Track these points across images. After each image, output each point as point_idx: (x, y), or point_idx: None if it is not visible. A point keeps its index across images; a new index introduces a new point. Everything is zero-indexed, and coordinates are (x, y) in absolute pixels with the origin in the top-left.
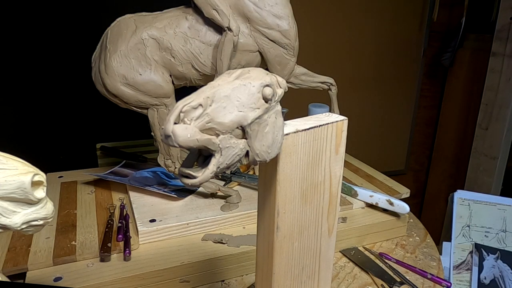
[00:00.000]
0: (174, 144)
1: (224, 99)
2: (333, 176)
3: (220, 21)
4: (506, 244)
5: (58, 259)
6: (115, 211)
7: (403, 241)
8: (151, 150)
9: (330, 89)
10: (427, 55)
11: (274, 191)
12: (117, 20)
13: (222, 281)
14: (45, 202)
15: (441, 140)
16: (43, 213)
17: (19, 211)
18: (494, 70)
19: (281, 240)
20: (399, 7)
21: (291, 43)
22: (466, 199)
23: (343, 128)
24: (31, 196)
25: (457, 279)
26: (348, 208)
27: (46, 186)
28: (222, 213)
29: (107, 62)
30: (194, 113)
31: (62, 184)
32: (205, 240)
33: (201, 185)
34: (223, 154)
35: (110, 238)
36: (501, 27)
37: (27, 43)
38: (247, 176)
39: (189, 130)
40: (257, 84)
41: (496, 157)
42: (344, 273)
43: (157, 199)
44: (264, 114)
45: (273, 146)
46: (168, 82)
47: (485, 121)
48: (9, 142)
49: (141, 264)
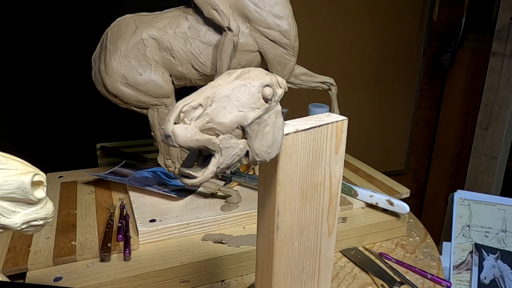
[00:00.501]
0: (174, 144)
1: (224, 99)
2: (333, 176)
3: (220, 21)
4: (506, 244)
5: (58, 259)
6: (115, 211)
7: (403, 241)
8: (151, 150)
9: (330, 89)
10: (427, 55)
11: (274, 191)
12: (117, 20)
13: (222, 281)
14: (45, 202)
15: (441, 140)
16: (43, 213)
17: (19, 211)
18: (494, 70)
19: (281, 240)
20: (399, 7)
21: (291, 43)
22: (466, 199)
23: (343, 128)
24: (31, 196)
25: (457, 279)
26: (348, 208)
27: (46, 186)
28: (222, 213)
29: (107, 62)
30: (194, 113)
31: (62, 184)
32: (205, 240)
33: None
34: (223, 154)
35: (110, 238)
36: (501, 27)
37: (27, 43)
38: (247, 176)
39: (189, 130)
40: (257, 84)
41: (496, 157)
42: (344, 273)
43: (157, 199)
44: (264, 114)
45: (273, 146)
46: (168, 82)
47: (485, 121)
48: (9, 142)
49: (141, 264)
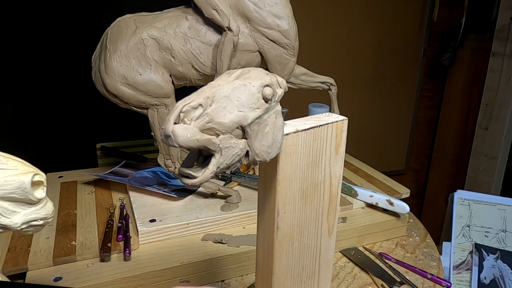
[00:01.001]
0: (174, 144)
1: (224, 99)
2: (333, 176)
3: (220, 21)
4: (506, 244)
5: (58, 259)
6: (115, 211)
7: (403, 241)
8: (151, 150)
9: (330, 89)
10: (427, 55)
11: (274, 191)
12: (117, 20)
13: (222, 281)
14: (45, 202)
15: (441, 140)
16: (43, 213)
17: (19, 211)
18: (494, 70)
19: (281, 240)
20: (399, 7)
21: (291, 43)
22: (466, 199)
23: (343, 128)
24: (31, 196)
25: (457, 279)
26: (348, 208)
27: (46, 186)
28: (222, 213)
29: (107, 62)
30: (194, 113)
31: (62, 184)
32: (205, 240)
33: (201, 185)
34: (223, 154)
35: (110, 238)
36: (501, 27)
37: (27, 43)
38: (247, 176)
39: (189, 130)
40: (257, 84)
41: (496, 157)
42: (344, 273)
43: (157, 199)
44: (264, 114)
45: (273, 146)
46: (168, 82)
47: (485, 121)
48: (9, 142)
49: (141, 264)
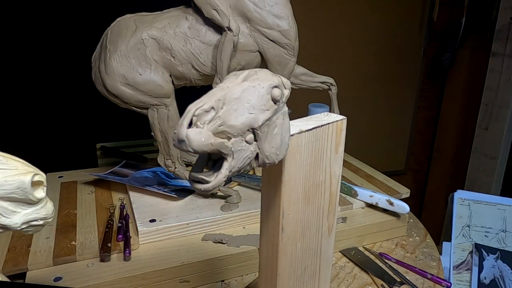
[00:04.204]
0: (188, 148)
1: (235, 101)
2: (333, 175)
3: (220, 21)
4: (506, 244)
5: (58, 259)
6: (115, 211)
7: (403, 241)
8: (151, 150)
9: (330, 89)
10: (427, 55)
11: (279, 192)
12: (117, 20)
13: (222, 281)
14: (45, 202)
15: (441, 140)
16: (43, 213)
17: (19, 211)
18: (494, 70)
19: (285, 242)
20: (399, 7)
21: (291, 43)
22: (466, 199)
23: (342, 128)
24: (31, 196)
25: (457, 279)
26: (348, 208)
27: (46, 186)
28: (222, 213)
29: (107, 62)
30: (207, 117)
31: (62, 184)
32: (205, 240)
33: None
34: (235, 157)
35: (110, 238)
36: (501, 27)
37: (27, 43)
38: (247, 176)
39: (203, 134)
40: (266, 85)
41: (496, 157)
42: (344, 273)
43: (157, 199)
44: (273, 116)
45: (281, 148)
46: (168, 82)
47: (485, 121)
48: (9, 142)
49: (141, 264)
